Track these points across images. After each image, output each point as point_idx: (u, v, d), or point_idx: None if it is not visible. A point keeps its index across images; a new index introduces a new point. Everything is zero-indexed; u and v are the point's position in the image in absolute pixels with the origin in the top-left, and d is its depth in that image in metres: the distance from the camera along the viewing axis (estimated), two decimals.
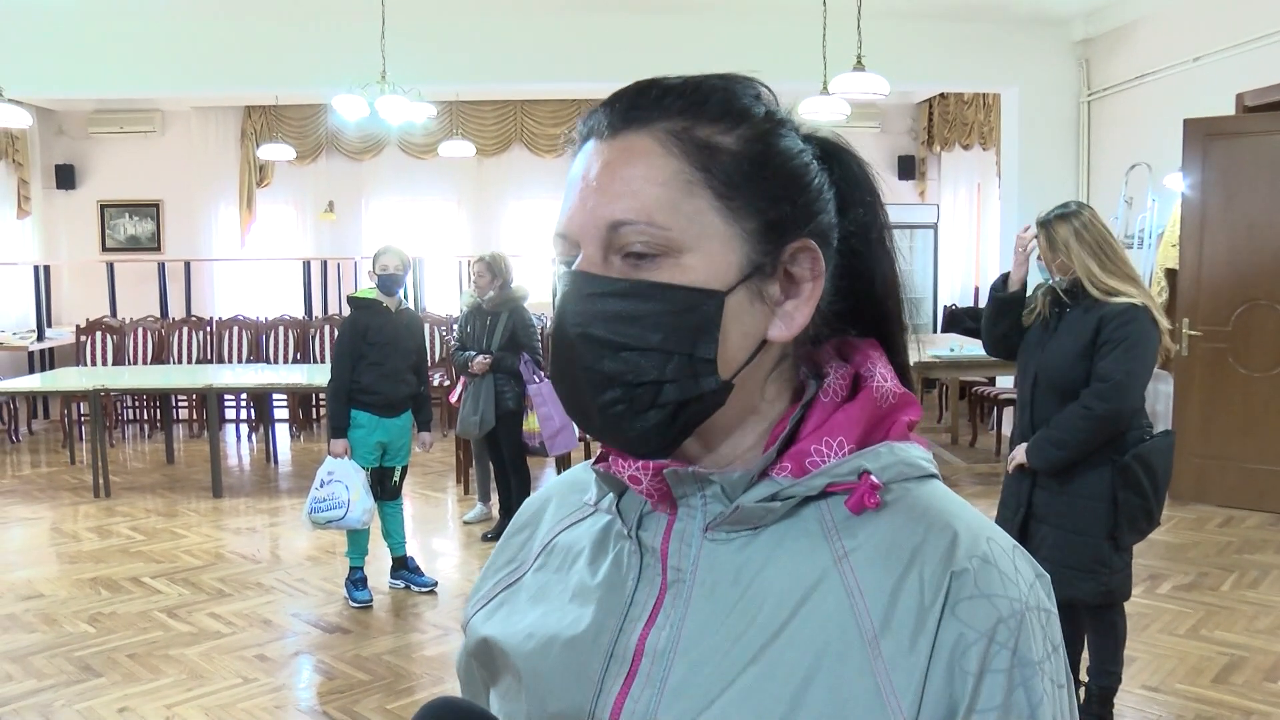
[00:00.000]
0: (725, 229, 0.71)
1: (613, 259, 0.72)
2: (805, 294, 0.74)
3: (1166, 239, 6.23)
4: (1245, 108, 5.90)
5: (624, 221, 0.70)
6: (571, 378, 0.73)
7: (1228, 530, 5.49)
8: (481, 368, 5.34)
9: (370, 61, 6.32)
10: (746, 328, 0.72)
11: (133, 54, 7.11)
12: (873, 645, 0.67)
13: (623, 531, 0.79)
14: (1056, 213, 3.07)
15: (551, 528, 0.87)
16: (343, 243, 10.31)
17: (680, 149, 0.71)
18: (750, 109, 0.74)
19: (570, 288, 0.73)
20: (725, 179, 0.71)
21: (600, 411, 0.72)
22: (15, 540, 5.85)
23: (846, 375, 0.76)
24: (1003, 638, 0.67)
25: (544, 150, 10.15)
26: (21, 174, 9.52)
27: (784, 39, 6.78)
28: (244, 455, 8.43)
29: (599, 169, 0.72)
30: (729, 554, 0.73)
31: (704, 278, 0.70)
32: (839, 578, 0.70)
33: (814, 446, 0.73)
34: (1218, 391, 5.89)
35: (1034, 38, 7.36)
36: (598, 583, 0.78)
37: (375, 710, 3.54)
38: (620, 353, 0.70)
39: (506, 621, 0.83)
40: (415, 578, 4.82)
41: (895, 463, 0.73)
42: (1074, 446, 2.95)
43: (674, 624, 0.73)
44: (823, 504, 0.73)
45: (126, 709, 3.55)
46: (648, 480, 0.74)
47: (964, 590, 0.68)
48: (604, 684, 0.74)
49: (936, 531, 0.70)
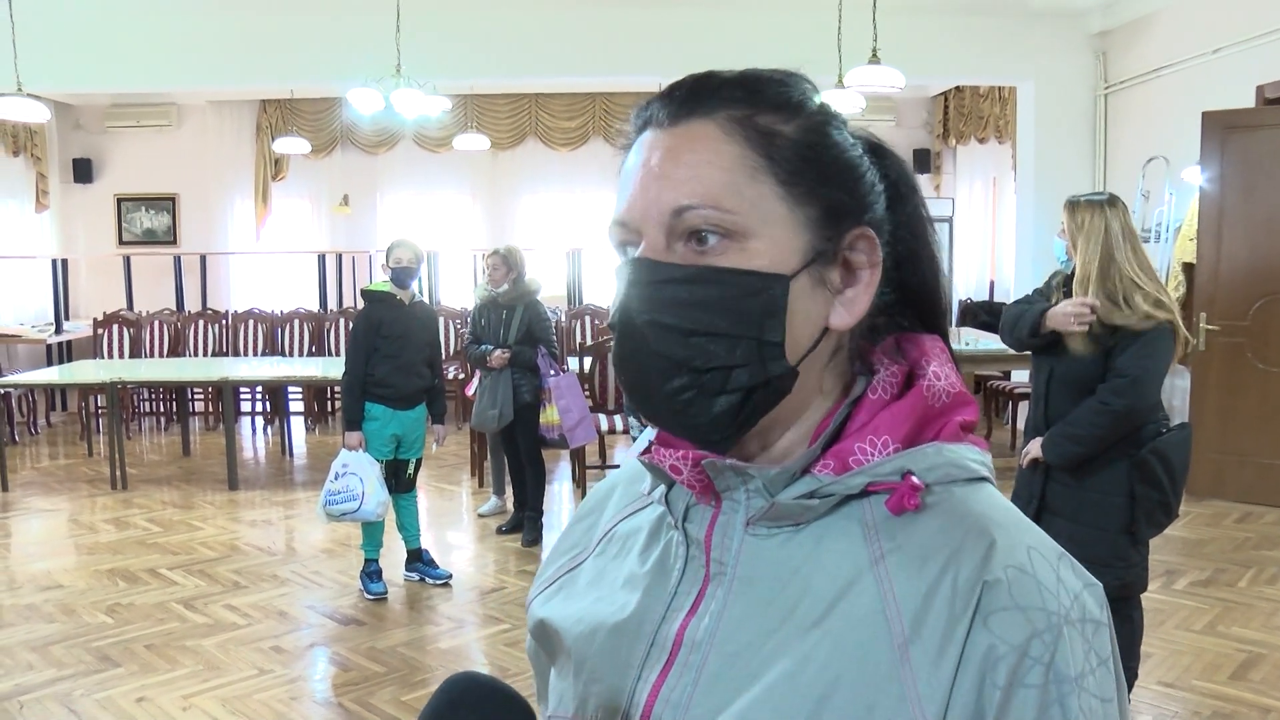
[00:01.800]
0: (788, 215, 0.71)
1: (675, 245, 0.72)
2: (864, 282, 0.74)
3: (1184, 233, 6.19)
4: (1266, 100, 5.84)
5: (689, 206, 0.70)
6: (637, 365, 0.73)
7: (1245, 526, 5.46)
8: (500, 362, 5.34)
9: (385, 55, 6.33)
10: (809, 314, 0.72)
11: (149, 49, 7.13)
12: (902, 650, 0.67)
13: (671, 522, 0.79)
14: (1089, 197, 3.05)
15: (613, 516, 0.88)
16: (357, 236, 10.33)
17: (743, 135, 0.71)
18: (806, 101, 0.74)
19: (635, 275, 0.72)
20: (787, 166, 0.71)
21: (668, 399, 0.72)
22: (34, 532, 5.89)
23: (899, 373, 0.76)
24: (1037, 652, 0.65)
25: (558, 144, 10.15)
26: (40, 168, 9.57)
27: (799, 32, 6.74)
28: (259, 448, 8.47)
29: (660, 156, 0.72)
30: (770, 549, 0.74)
31: (769, 262, 0.71)
32: (874, 579, 0.70)
33: (858, 445, 0.72)
34: (1235, 386, 5.85)
35: (1050, 30, 7.31)
36: (646, 571, 0.80)
37: (390, 702, 3.56)
38: (689, 338, 0.71)
39: (563, 605, 0.85)
40: (430, 570, 4.83)
41: (942, 464, 0.73)
42: (1091, 441, 2.94)
43: (713, 616, 0.74)
44: (864, 503, 0.72)
45: (144, 699, 3.58)
46: (688, 471, 0.75)
47: (997, 601, 0.67)
48: (643, 670, 0.75)
49: (974, 537, 0.69)
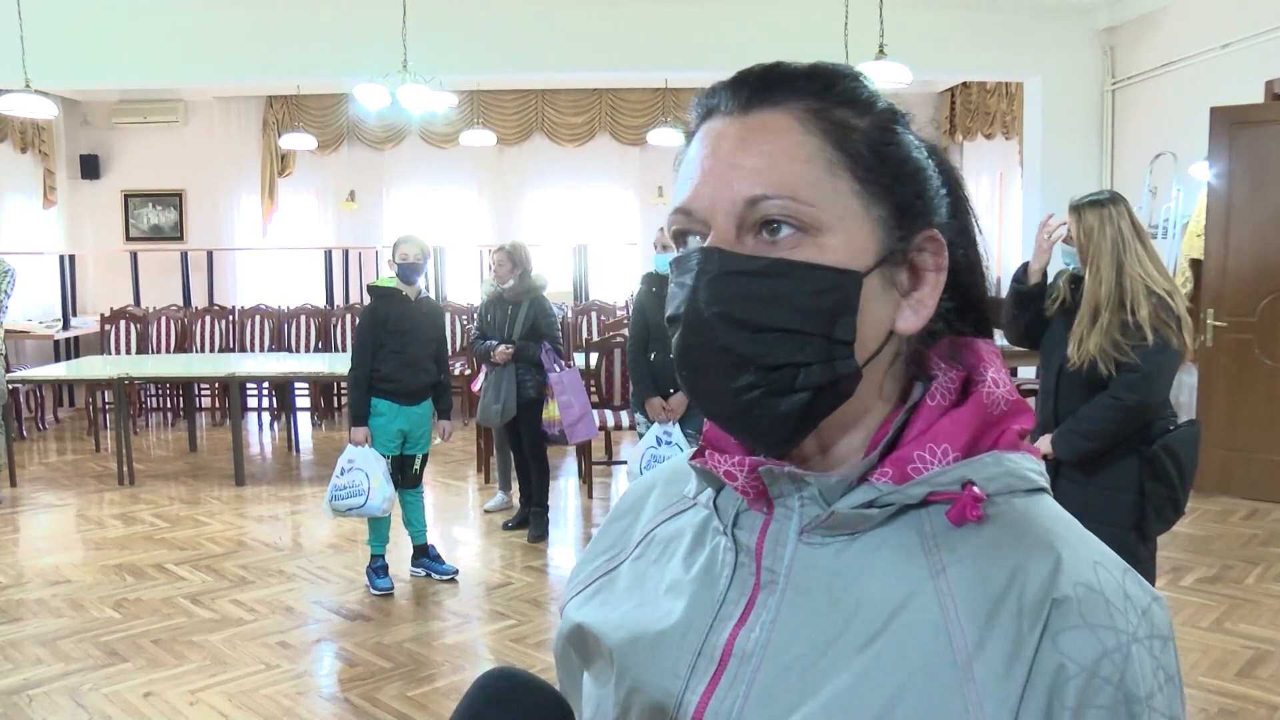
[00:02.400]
0: (863, 212, 0.69)
1: (745, 237, 0.70)
2: (930, 285, 0.73)
3: (1191, 229, 6.18)
4: (1275, 95, 5.83)
5: (765, 196, 0.68)
6: (701, 361, 0.71)
7: (1252, 523, 5.45)
8: (504, 357, 5.34)
9: (391, 51, 6.34)
10: (879, 315, 0.71)
11: (156, 45, 7.14)
12: (965, 667, 0.65)
13: (719, 527, 0.77)
14: (1091, 199, 3.05)
15: (652, 518, 0.86)
16: (364, 232, 10.35)
17: (820, 127, 0.70)
18: (876, 99, 0.73)
19: (704, 265, 0.70)
20: (863, 161, 0.70)
21: (733, 397, 0.70)
22: (42, 526, 5.93)
23: (956, 378, 0.74)
24: (1107, 672, 0.64)
25: (565, 140, 10.15)
26: (47, 164, 9.61)
27: (806, 27, 6.75)
28: (266, 443, 8.50)
29: (732, 144, 0.70)
30: (824, 558, 0.71)
31: (843, 258, 0.69)
32: (935, 592, 0.68)
33: (917, 453, 0.70)
34: (1243, 383, 5.84)
35: (1058, 26, 7.30)
36: (691, 578, 0.77)
37: (396, 697, 3.57)
38: (759, 333, 0.68)
39: (601, 609, 0.83)
40: (436, 566, 4.85)
41: (1002, 474, 0.70)
42: (1103, 437, 2.94)
43: (764, 626, 0.72)
44: (923, 513, 0.70)
45: (152, 693, 3.60)
46: (743, 477, 0.73)
47: (1066, 619, 0.65)
48: (690, 681, 0.73)
49: (1040, 552, 0.67)
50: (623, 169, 10.31)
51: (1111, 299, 2.92)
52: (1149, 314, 2.89)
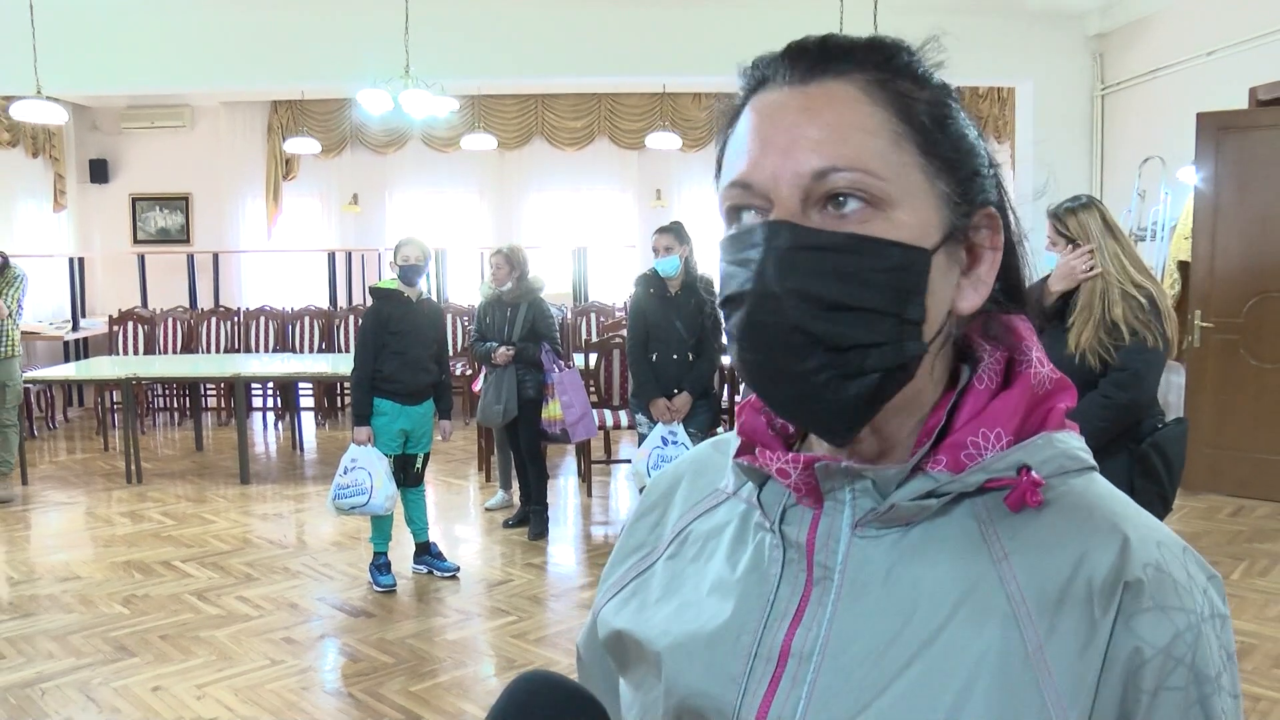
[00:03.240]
0: (928, 187, 0.67)
1: (811, 211, 0.66)
2: (988, 263, 0.70)
3: (1179, 231, 6.24)
4: (1258, 101, 5.90)
5: (834, 169, 0.65)
6: (770, 341, 0.66)
7: (1239, 519, 5.52)
8: (505, 358, 5.41)
9: (394, 57, 6.42)
10: (943, 293, 0.68)
11: (164, 52, 7.23)
12: (1037, 653, 0.64)
13: (763, 523, 0.74)
14: (1078, 203, 3.08)
15: (683, 514, 0.83)
16: (367, 234, 10.42)
17: (884, 98, 0.67)
18: (930, 74, 0.70)
19: (773, 240, 0.66)
20: (927, 135, 0.67)
21: (800, 379, 0.66)
22: (53, 524, 5.99)
23: (1001, 359, 0.72)
24: (1179, 653, 0.63)
25: (564, 143, 10.22)
26: (58, 169, 9.69)
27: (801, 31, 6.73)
28: (271, 443, 8.57)
29: (794, 114, 0.67)
30: (880, 552, 0.69)
31: (914, 235, 0.66)
32: (999, 580, 0.66)
33: (970, 439, 0.68)
34: (1229, 383, 5.91)
35: (1049, 32, 7.36)
36: (738, 578, 0.74)
37: (398, 692, 3.61)
38: (834, 311, 0.65)
39: (640, 613, 0.80)
40: (438, 563, 4.90)
41: (1055, 455, 0.69)
42: (1094, 435, 2.91)
43: (821, 624, 0.69)
44: (978, 500, 0.68)
45: (160, 688, 3.65)
46: (797, 474, 0.70)
47: (1139, 602, 0.64)
48: (748, 685, 0.70)
49: (1104, 535, 0.66)
50: (621, 172, 10.37)
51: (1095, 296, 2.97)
52: (1123, 313, 2.92)
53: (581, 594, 4.70)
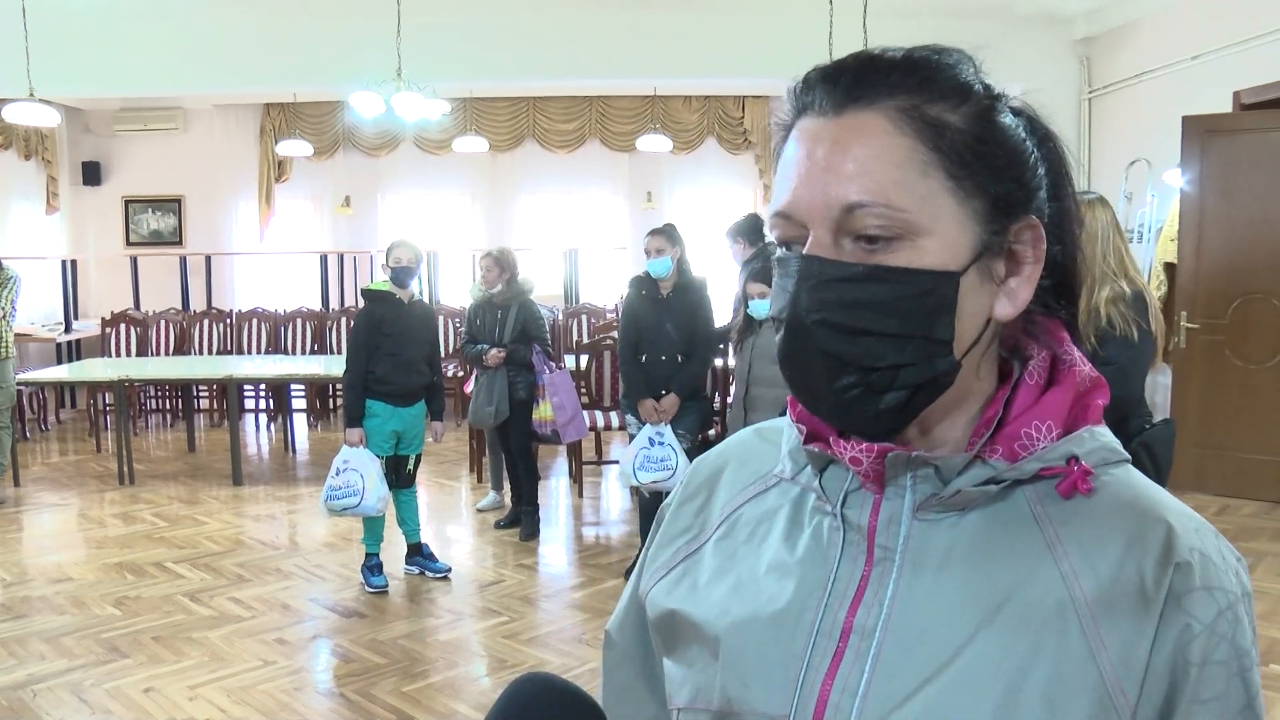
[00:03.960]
0: (957, 210, 0.70)
1: (843, 242, 0.70)
2: (1027, 272, 0.73)
3: (1165, 233, 6.30)
4: (1242, 105, 5.96)
5: (860, 204, 0.69)
6: (804, 364, 0.72)
7: (1224, 518, 5.56)
8: (496, 360, 5.43)
9: (386, 59, 6.44)
10: (976, 307, 0.72)
11: (157, 54, 7.26)
12: (1092, 630, 0.68)
13: (821, 507, 0.78)
14: (1090, 196, 3.09)
15: (732, 498, 0.86)
16: (359, 236, 10.43)
17: (912, 128, 0.69)
18: (971, 85, 0.72)
19: (804, 272, 0.71)
20: (956, 158, 0.70)
21: (835, 395, 0.71)
22: (45, 525, 5.99)
23: (1047, 358, 0.76)
24: (1223, 629, 0.68)
25: (556, 146, 10.24)
26: (50, 171, 9.69)
27: (791, 34, 6.88)
28: (263, 444, 8.56)
29: (828, 148, 0.70)
30: (939, 534, 0.73)
31: (940, 260, 0.69)
32: (1054, 561, 0.70)
33: (1024, 430, 0.73)
34: (1215, 383, 5.97)
35: (1036, 36, 7.42)
36: (798, 559, 0.77)
37: (391, 693, 3.62)
38: (859, 337, 0.70)
39: (694, 594, 0.83)
40: (429, 564, 4.91)
41: (1098, 448, 0.74)
42: None
43: (883, 603, 0.73)
44: (1029, 488, 0.73)
45: (152, 689, 3.65)
46: (868, 462, 0.74)
47: (1188, 583, 0.69)
48: (810, 659, 0.73)
49: (1151, 522, 0.71)
50: (613, 174, 10.40)
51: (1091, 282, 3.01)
52: (1107, 299, 2.94)
53: (573, 594, 4.73)
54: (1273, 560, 4.89)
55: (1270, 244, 5.75)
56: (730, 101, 10.13)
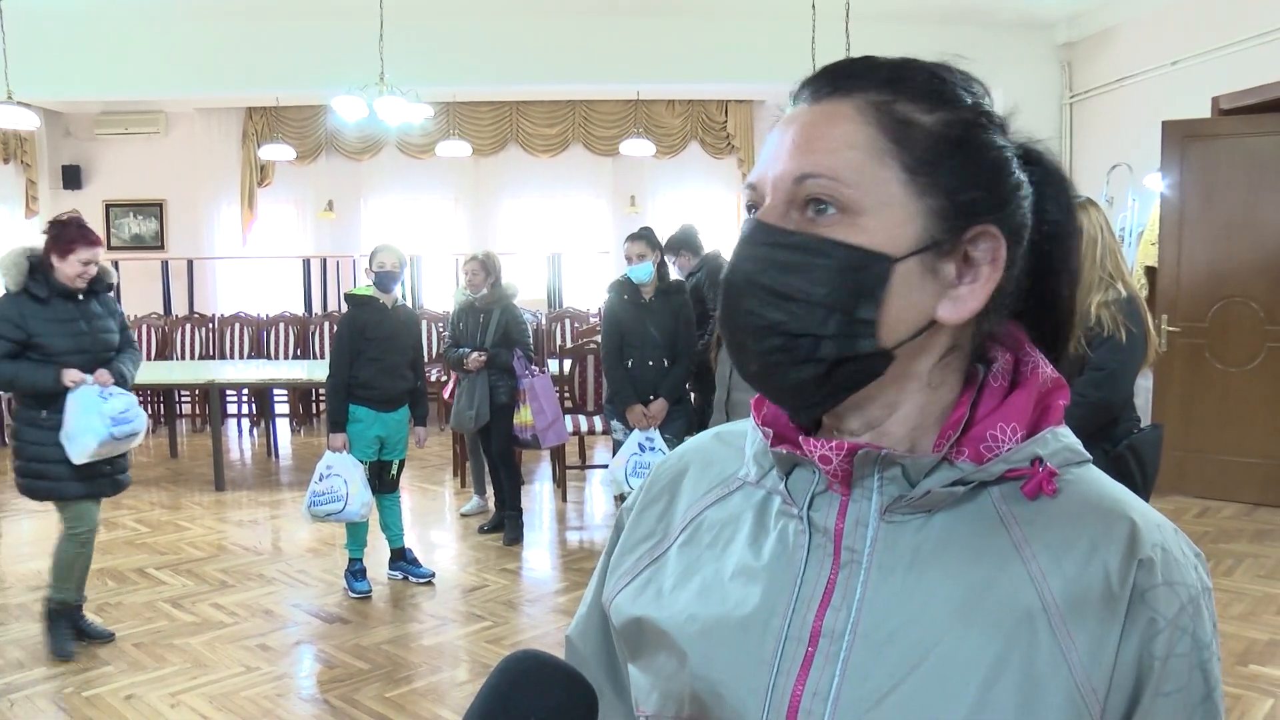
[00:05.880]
0: (908, 201, 0.71)
1: (793, 213, 0.73)
2: (981, 279, 0.74)
3: (1146, 237, 6.35)
4: (1221, 110, 6.02)
5: (810, 174, 0.72)
6: (737, 322, 0.74)
7: (1204, 520, 5.61)
8: (477, 364, 5.43)
9: (369, 64, 6.43)
10: (914, 300, 0.72)
11: (137, 57, 7.23)
12: (1060, 627, 0.69)
13: (786, 510, 0.78)
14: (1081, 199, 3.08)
15: (694, 502, 0.86)
16: (342, 241, 10.41)
17: (877, 119, 0.72)
18: (958, 97, 0.74)
19: (747, 234, 0.74)
20: (916, 155, 0.72)
21: (759, 357, 0.73)
22: (25, 532, 5.94)
23: (1009, 360, 0.77)
24: (1184, 623, 0.70)
25: (539, 150, 10.25)
26: (30, 175, 9.64)
27: (773, 41, 6.91)
28: (246, 449, 8.52)
29: (798, 128, 0.74)
30: (906, 536, 0.74)
31: (877, 241, 0.71)
32: (1021, 561, 0.71)
33: (989, 432, 0.74)
34: (1195, 386, 6.02)
35: (1018, 41, 7.48)
36: (764, 564, 0.77)
37: (374, 698, 3.61)
38: (784, 302, 0.72)
39: (659, 601, 0.82)
40: (413, 569, 4.90)
41: (1061, 449, 0.75)
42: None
43: (851, 605, 0.73)
44: (995, 489, 0.74)
45: (133, 696, 3.63)
46: (837, 461, 0.74)
47: (1151, 579, 0.70)
48: (780, 664, 0.74)
49: (1115, 520, 0.72)
50: (596, 179, 10.41)
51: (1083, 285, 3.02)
52: (1099, 303, 2.95)
53: (557, 599, 4.73)
54: (1252, 562, 4.93)
55: (1249, 248, 5.81)
56: (713, 106, 10.15)
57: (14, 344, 3.85)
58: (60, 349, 3.90)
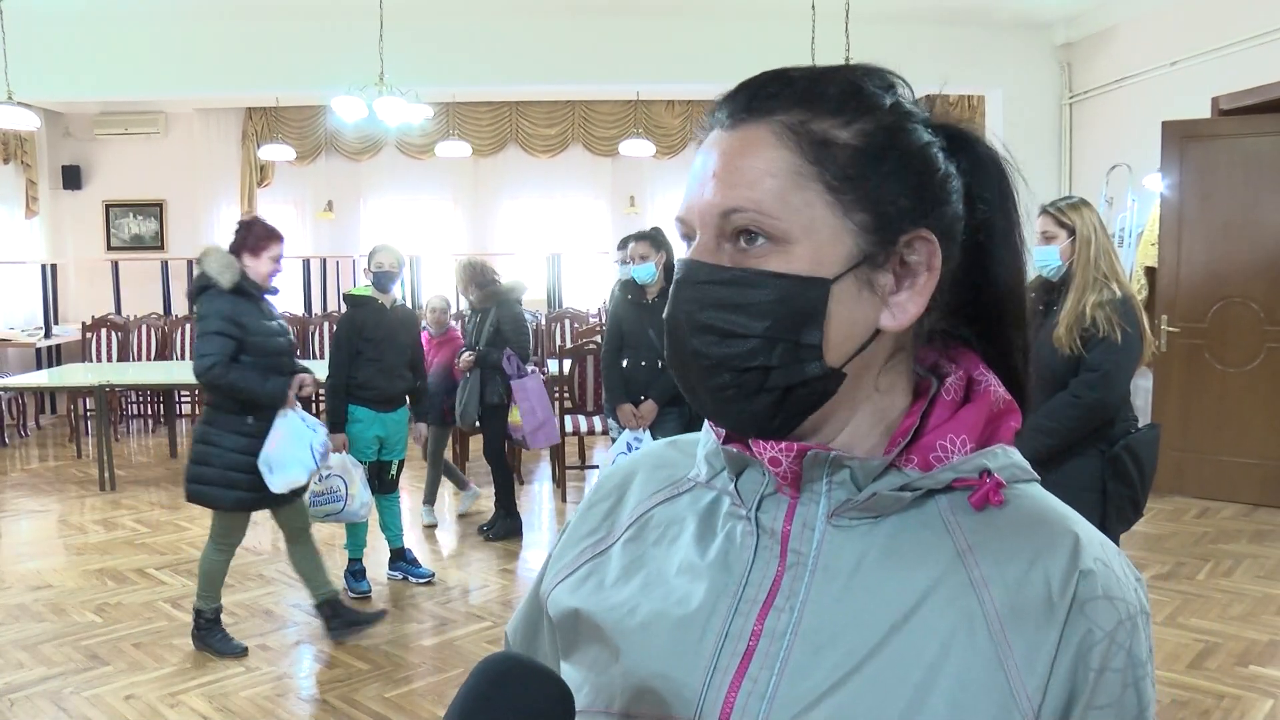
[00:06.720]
0: (834, 221, 0.71)
1: (724, 246, 0.73)
2: (919, 284, 0.74)
3: (1146, 238, 6.35)
4: (1220, 111, 6.02)
5: (735, 209, 0.72)
6: (682, 362, 0.75)
7: (1203, 521, 5.61)
8: (466, 364, 5.45)
9: (368, 64, 6.44)
10: (855, 316, 0.72)
11: (137, 58, 7.22)
12: (999, 635, 0.69)
13: (735, 511, 0.78)
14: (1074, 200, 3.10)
15: (642, 500, 0.86)
16: (341, 241, 10.42)
17: (794, 142, 0.72)
18: (876, 101, 0.73)
19: (682, 275, 0.75)
20: (838, 173, 0.71)
21: (711, 394, 0.74)
22: (24, 532, 5.95)
23: (963, 377, 0.78)
24: (1121, 638, 0.70)
25: (538, 150, 10.25)
26: (30, 175, 9.64)
27: (774, 41, 6.85)
28: None
29: (717, 158, 0.74)
30: (852, 540, 0.74)
31: (809, 267, 0.71)
32: (964, 570, 0.72)
33: (939, 442, 0.74)
34: (1194, 387, 6.02)
35: (1018, 42, 7.48)
36: (709, 563, 0.77)
37: (373, 699, 3.61)
38: (728, 339, 0.72)
39: (598, 594, 0.82)
40: (413, 569, 4.90)
41: (1009, 464, 0.76)
42: (1062, 434, 2.94)
43: (794, 608, 0.73)
44: (942, 498, 0.74)
45: (132, 696, 3.63)
46: (787, 462, 0.74)
47: (1091, 590, 0.70)
48: (718, 662, 0.73)
49: (1059, 533, 0.73)
50: (595, 179, 10.42)
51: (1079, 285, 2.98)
52: (1094, 304, 2.94)
53: None
54: (1251, 562, 4.93)
55: (1249, 248, 5.81)
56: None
57: (236, 343, 3.81)
58: (270, 349, 3.90)
